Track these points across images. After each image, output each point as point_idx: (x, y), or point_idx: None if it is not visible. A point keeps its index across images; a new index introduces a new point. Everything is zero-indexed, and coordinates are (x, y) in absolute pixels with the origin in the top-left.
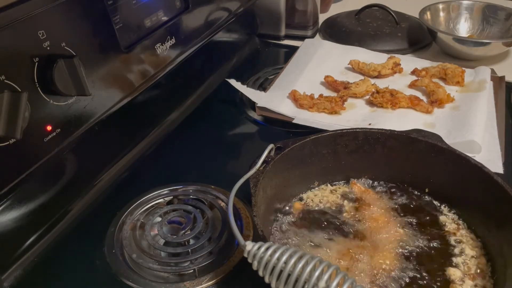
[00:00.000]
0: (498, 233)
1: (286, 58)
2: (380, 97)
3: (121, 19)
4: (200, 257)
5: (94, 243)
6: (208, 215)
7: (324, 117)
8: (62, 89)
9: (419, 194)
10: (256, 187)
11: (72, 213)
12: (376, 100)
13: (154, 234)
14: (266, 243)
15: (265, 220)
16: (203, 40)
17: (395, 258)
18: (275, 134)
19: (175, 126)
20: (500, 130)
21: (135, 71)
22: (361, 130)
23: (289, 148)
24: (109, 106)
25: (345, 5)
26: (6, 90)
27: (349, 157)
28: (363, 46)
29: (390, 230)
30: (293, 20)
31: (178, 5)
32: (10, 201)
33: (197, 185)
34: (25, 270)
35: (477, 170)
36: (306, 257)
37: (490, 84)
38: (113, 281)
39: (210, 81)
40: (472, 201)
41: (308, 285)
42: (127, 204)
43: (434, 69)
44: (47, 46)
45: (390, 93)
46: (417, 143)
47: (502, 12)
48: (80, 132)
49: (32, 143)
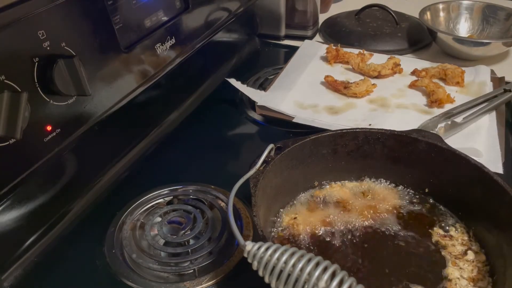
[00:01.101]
0: (498, 233)
1: (286, 58)
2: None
3: (121, 19)
4: (200, 257)
5: (94, 243)
6: (208, 215)
7: (324, 117)
8: (62, 89)
9: (418, 194)
10: (256, 187)
11: (72, 213)
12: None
13: (154, 234)
14: (266, 243)
15: (265, 220)
16: (203, 40)
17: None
18: (275, 134)
19: (175, 126)
20: (500, 131)
21: (135, 71)
22: (361, 130)
23: (289, 148)
24: (109, 106)
25: (345, 5)
26: (6, 90)
27: (349, 157)
28: (363, 46)
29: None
30: (293, 20)
31: (178, 5)
32: (10, 201)
33: (197, 185)
34: (25, 270)
35: (477, 170)
36: (306, 257)
37: (490, 85)
38: (113, 281)
39: (210, 81)
40: (472, 201)
41: (308, 285)
42: (127, 204)
43: (434, 69)
44: (47, 46)
45: None
46: (417, 143)
47: (502, 12)
48: (80, 132)
49: (32, 143)
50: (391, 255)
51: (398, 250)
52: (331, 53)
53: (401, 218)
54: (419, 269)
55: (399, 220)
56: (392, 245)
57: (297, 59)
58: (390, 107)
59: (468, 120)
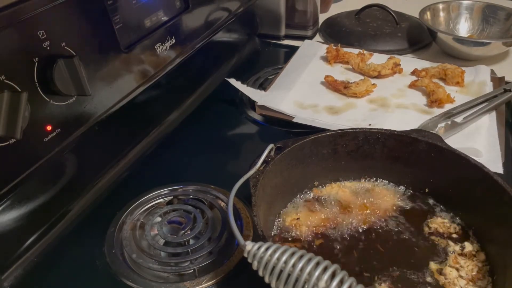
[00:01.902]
0: (498, 233)
1: (286, 58)
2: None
3: (121, 19)
4: (200, 257)
5: (94, 243)
6: (208, 215)
7: (324, 117)
8: (62, 89)
9: (418, 194)
10: (256, 187)
11: (72, 213)
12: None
13: (154, 234)
14: (266, 243)
15: (265, 220)
16: (203, 40)
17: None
18: (275, 134)
19: (175, 126)
20: (500, 130)
21: (135, 71)
22: (361, 130)
23: (289, 148)
24: (109, 106)
25: (345, 5)
26: (6, 90)
27: (349, 157)
28: (363, 46)
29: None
30: (293, 20)
31: (178, 5)
32: (10, 201)
33: (197, 185)
34: (25, 270)
35: (477, 170)
36: (306, 256)
37: (490, 85)
38: (113, 281)
39: (210, 81)
40: (472, 201)
41: (308, 285)
42: (127, 204)
43: (434, 69)
44: (47, 46)
45: None
46: (417, 143)
47: (502, 12)
48: (80, 132)
49: (32, 143)
50: (391, 254)
51: (398, 249)
52: (331, 53)
53: (401, 218)
54: (418, 266)
55: (399, 219)
56: (392, 244)
57: (297, 59)
58: (390, 107)
59: (468, 120)
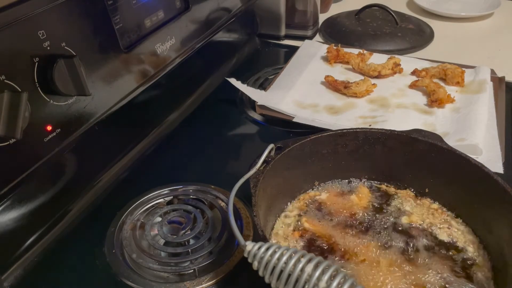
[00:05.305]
0: (498, 234)
1: (286, 58)
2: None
3: (121, 19)
4: (200, 257)
5: (94, 243)
6: (208, 215)
7: (324, 116)
8: (62, 89)
9: (418, 194)
10: (256, 187)
11: (72, 213)
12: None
13: (154, 234)
14: (266, 243)
15: (265, 220)
16: (203, 40)
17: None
18: (275, 134)
19: (175, 126)
20: (500, 130)
21: (135, 71)
22: (361, 130)
23: (289, 148)
24: (109, 106)
25: (345, 5)
26: (6, 90)
27: (349, 157)
28: (363, 46)
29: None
30: (293, 20)
31: (178, 5)
32: (10, 201)
33: (197, 185)
34: (25, 270)
35: (477, 170)
36: (306, 257)
37: (490, 85)
38: (113, 281)
39: (210, 81)
40: (472, 201)
41: (308, 285)
42: (127, 204)
43: (434, 69)
44: (47, 46)
45: None
46: (417, 143)
47: None
48: (80, 132)
49: (32, 143)
50: (394, 254)
51: (401, 249)
52: (331, 53)
53: (401, 217)
54: None
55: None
56: (394, 243)
57: (297, 59)
58: (390, 107)
59: None
